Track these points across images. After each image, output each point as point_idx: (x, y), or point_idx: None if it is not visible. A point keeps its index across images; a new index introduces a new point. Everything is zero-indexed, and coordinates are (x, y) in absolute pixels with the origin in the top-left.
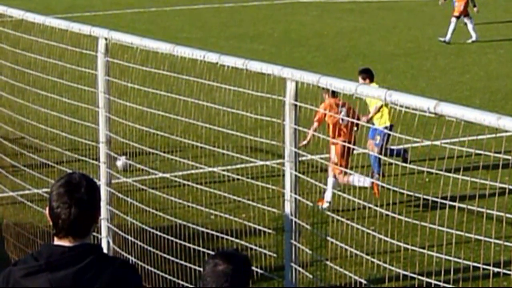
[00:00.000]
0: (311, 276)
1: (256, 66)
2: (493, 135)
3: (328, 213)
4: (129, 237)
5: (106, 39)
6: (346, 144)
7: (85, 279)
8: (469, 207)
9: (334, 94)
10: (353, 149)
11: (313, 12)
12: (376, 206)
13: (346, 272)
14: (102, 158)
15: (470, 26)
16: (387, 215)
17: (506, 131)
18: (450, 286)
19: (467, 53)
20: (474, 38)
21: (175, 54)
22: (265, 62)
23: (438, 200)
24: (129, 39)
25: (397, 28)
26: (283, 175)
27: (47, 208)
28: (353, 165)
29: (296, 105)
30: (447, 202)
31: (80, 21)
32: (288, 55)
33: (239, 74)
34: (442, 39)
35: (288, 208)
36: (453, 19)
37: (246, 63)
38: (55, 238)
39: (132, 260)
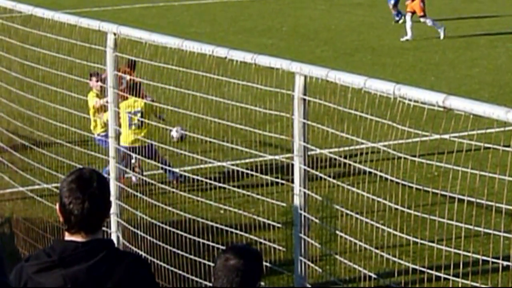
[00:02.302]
0: (320, 270)
1: (264, 60)
2: (502, 129)
3: (337, 207)
4: (139, 232)
5: (115, 34)
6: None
7: (98, 274)
8: (478, 200)
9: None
10: None
11: (321, 6)
12: (385, 200)
13: (356, 266)
14: (112, 153)
15: (408, 24)
16: (396, 209)
17: None
18: (460, 279)
19: (476, 46)
20: (409, 37)
21: (184, 49)
22: (274, 57)
23: (447, 194)
24: (138, 34)
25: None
26: (292, 169)
27: (58, 205)
28: (362, 159)
29: (305, 100)
30: (456, 195)
31: (89, 16)
32: (297, 49)
33: (248, 69)
34: (403, 39)
35: (297, 202)
36: (408, 14)
37: (255, 58)
38: (67, 234)
39: (141, 255)
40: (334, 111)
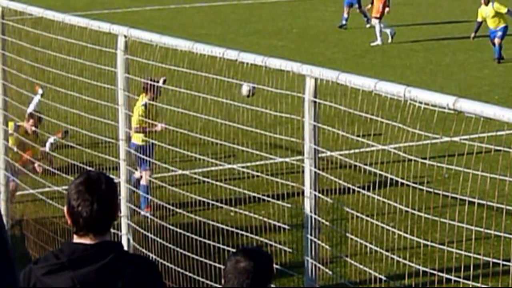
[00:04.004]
0: (330, 273)
1: (275, 63)
2: None
3: (347, 209)
4: (149, 234)
5: (125, 36)
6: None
7: (107, 276)
8: (489, 203)
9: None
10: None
11: (331, 8)
12: (396, 202)
13: (366, 269)
14: (122, 155)
15: (377, 29)
16: (406, 211)
17: None
18: (470, 282)
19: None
20: (379, 42)
21: (195, 51)
22: (284, 58)
23: (458, 196)
24: (149, 36)
25: (416, 24)
26: (303, 172)
27: (66, 208)
28: (372, 161)
29: (315, 102)
30: (466, 198)
31: (99, 18)
32: (307, 51)
33: (259, 71)
34: (373, 43)
35: (307, 204)
36: (375, 21)
37: (266, 60)
38: (75, 236)
39: (152, 257)
40: (344, 113)
